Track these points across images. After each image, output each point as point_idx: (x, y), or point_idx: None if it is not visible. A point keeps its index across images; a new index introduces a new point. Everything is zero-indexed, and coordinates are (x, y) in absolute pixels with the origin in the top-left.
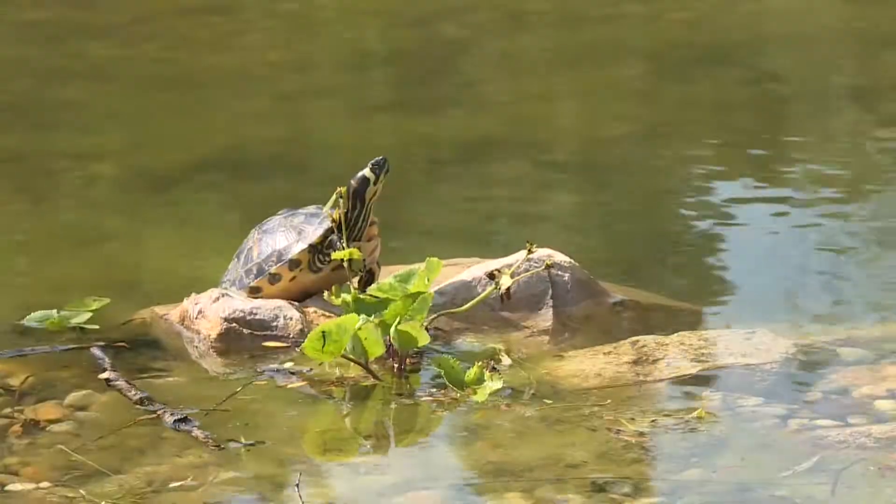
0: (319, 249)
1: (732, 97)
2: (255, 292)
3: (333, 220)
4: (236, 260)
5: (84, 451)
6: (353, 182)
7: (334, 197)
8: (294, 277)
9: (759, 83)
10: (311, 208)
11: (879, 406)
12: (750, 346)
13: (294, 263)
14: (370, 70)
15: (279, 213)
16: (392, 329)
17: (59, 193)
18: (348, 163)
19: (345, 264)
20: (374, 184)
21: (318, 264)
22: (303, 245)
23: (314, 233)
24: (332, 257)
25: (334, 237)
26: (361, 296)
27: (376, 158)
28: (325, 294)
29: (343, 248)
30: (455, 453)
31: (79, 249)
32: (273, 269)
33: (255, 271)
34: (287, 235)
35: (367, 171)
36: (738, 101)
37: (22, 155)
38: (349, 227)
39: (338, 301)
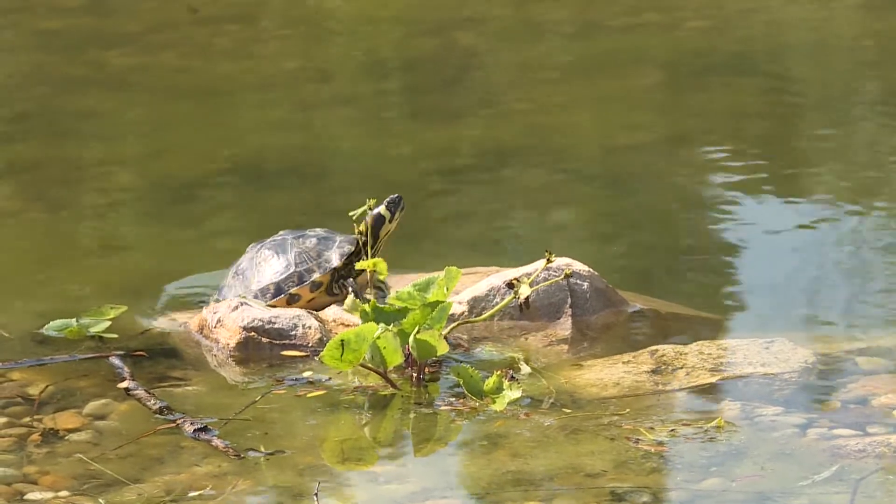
0: (341, 274)
1: (751, 106)
2: None
3: (360, 232)
4: (236, 276)
5: (103, 459)
6: (367, 219)
7: (363, 209)
8: (313, 299)
9: (777, 92)
10: (320, 231)
11: None
12: (769, 355)
13: (315, 285)
14: (387, 79)
15: (280, 234)
16: (411, 338)
17: (78, 202)
18: (366, 172)
19: (367, 275)
20: (390, 221)
21: (336, 290)
22: (327, 268)
23: (337, 257)
24: (357, 267)
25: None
26: (380, 305)
27: (392, 196)
28: (345, 304)
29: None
30: (474, 462)
31: (97, 258)
32: (294, 290)
33: (272, 290)
34: (301, 256)
35: (382, 209)
36: (757, 110)
37: (40, 163)
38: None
39: (356, 313)
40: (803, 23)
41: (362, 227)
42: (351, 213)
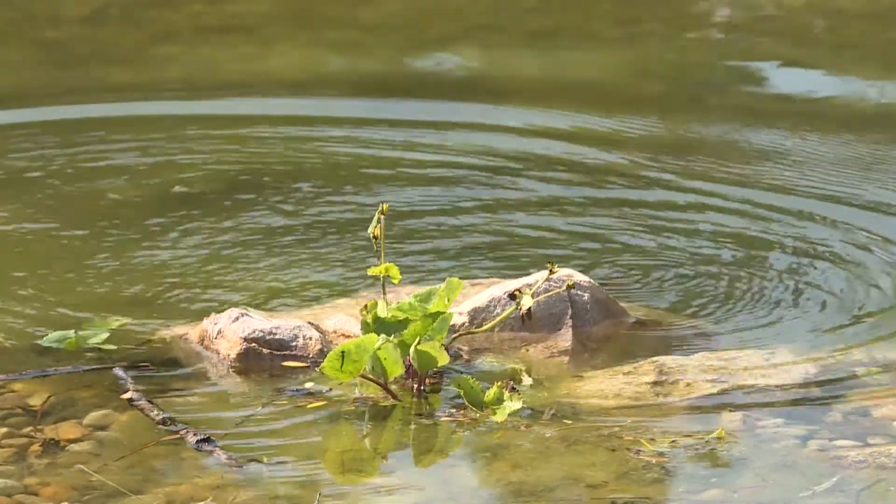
0: None
1: (755, 117)
2: None
3: (374, 237)
4: None
5: (104, 470)
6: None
7: (377, 215)
8: None
9: (780, 102)
10: None
11: None
12: (770, 366)
13: None
14: (389, 90)
15: None
16: (411, 349)
17: (79, 211)
18: (370, 184)
19: (381, 280)
20: None
21: None
22: None
23: None
24: (369, 273)
25: None
26: (381, 315)
27: None
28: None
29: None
30: (475, 473)
31: (97, 268)
32: None
33: None
34: None
35: None
36: (761, 122)
37: (43, 172)
38: None
39: (369, 317)
40: (808, 31)
41: (376, 232)
42: (369, 231)
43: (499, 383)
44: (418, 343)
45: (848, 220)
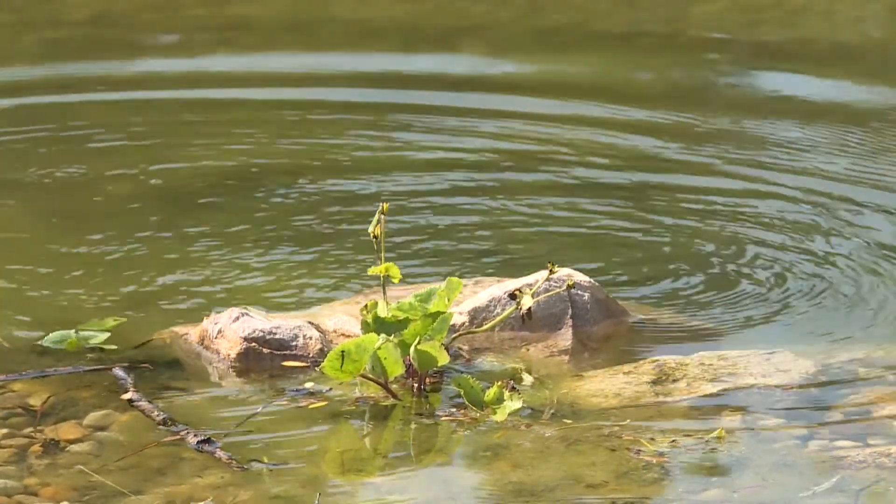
0: None
1: (756, 118)
2: None
3: (375, 236)
4: None
5: (104, 471)
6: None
7: (377, 215)
8: None
9: (783, 101)
10: None
11: None
12: (770, 366)
13: None
14: (390, 87)
15: None
16: (412, 349)
17: (79, 212)
18: (369, 182)
19: (381, 279)
20: None
21: None
22: None
23: None
24: (369, 272)
25: None
26: (381, 315)
27: None
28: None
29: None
30: (475, 473)
31: (97, 268)
32: None
33: None
34: None
35: None
36: (762, 123)
37: (43, 173)
38: None
39: (369, 317)
40: (809, 34)
41: (377, 231)
42: (369, 231)
43: (499, 383)
44: (418, 343)
45: (850, 218)
